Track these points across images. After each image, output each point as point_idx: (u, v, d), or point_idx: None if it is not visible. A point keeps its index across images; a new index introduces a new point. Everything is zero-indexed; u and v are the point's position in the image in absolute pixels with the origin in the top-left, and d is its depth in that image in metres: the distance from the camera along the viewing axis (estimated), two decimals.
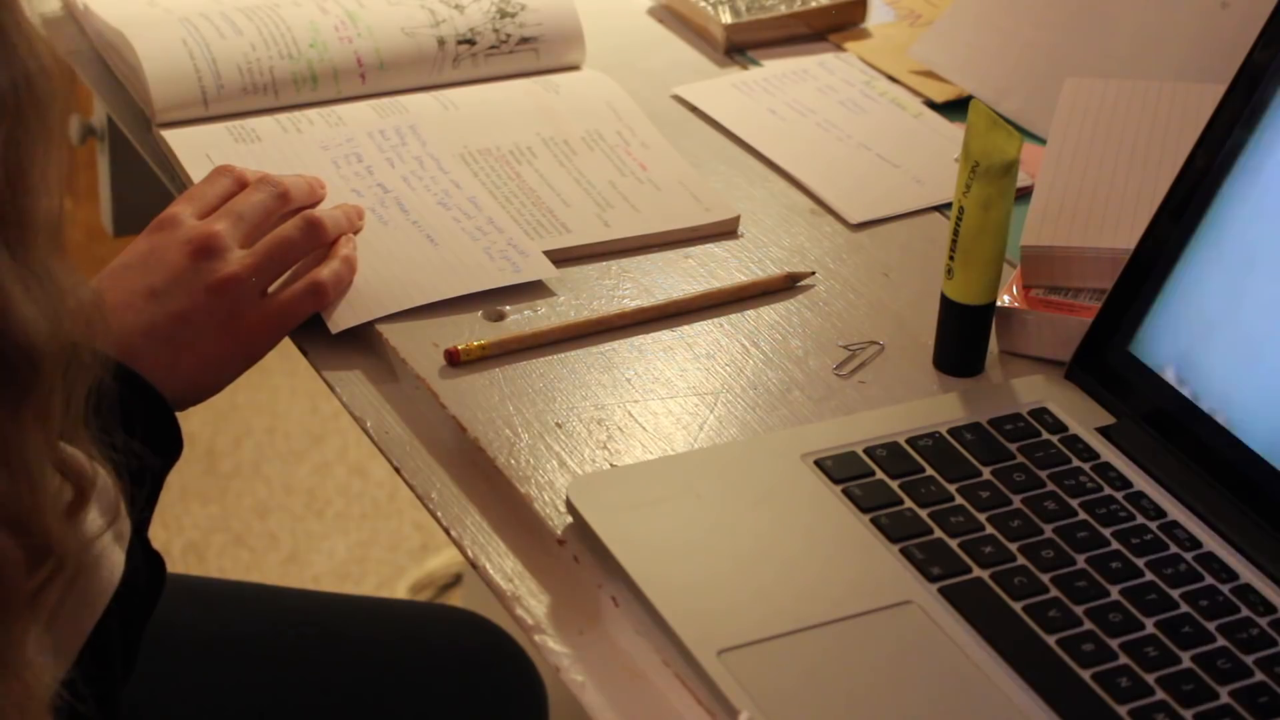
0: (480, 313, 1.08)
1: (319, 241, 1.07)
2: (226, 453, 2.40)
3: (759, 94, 1.33)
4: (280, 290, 1.05)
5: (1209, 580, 0.91)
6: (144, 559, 0.90)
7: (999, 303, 1.05)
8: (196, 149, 1.21)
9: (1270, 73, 0.99)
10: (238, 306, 1.02)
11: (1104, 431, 1.00)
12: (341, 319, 1.06)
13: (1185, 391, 0.98)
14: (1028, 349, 1.06)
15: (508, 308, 1.09)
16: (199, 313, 1.01)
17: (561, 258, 1.13)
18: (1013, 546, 0.92)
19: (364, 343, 1.08)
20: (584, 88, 1.31)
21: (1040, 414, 1.00)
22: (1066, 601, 0.89)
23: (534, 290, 1.10)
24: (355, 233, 1.11)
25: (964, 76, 1.33)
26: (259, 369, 1.05)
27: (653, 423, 1.01)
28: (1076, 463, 0.97)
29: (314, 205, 1.12)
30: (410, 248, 1.12)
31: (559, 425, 1.00)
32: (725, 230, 1.17)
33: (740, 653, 0.85)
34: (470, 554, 0.94)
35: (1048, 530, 0.93)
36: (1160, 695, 0.84)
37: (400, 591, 2.19)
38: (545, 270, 1.11)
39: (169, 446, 0.97)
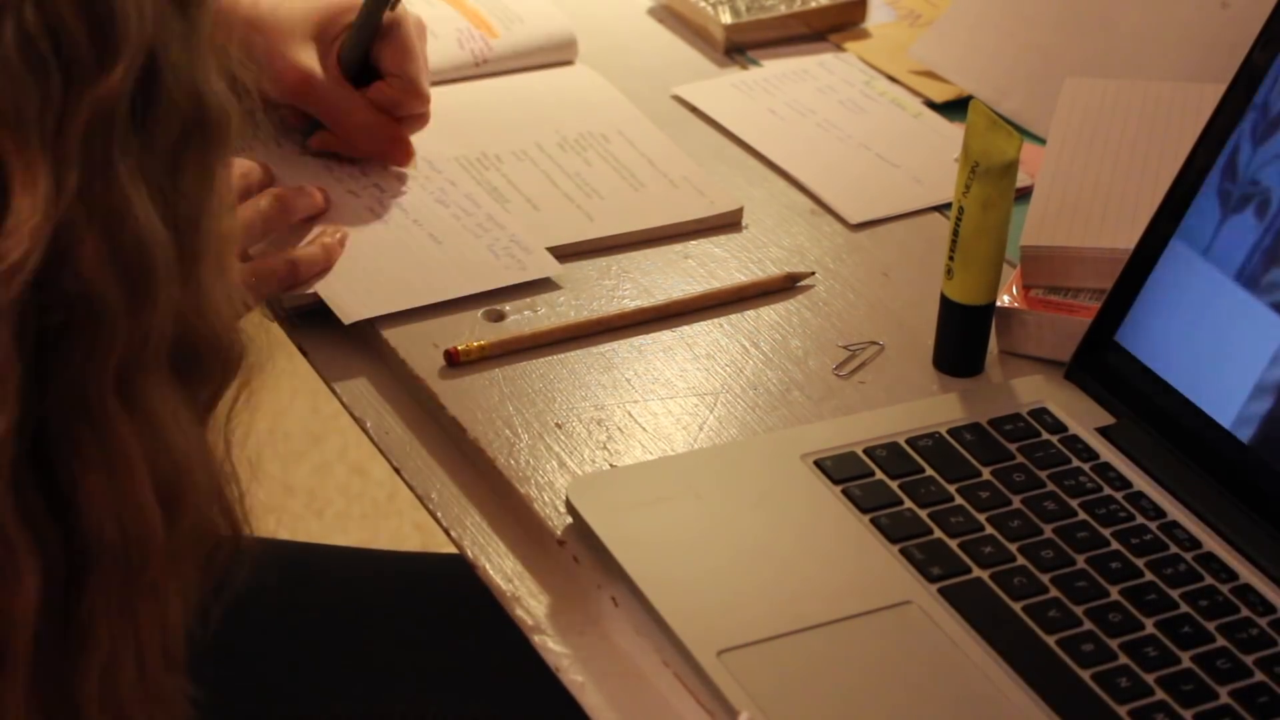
0: (480, 313, 1.08)
1: (287, 213, 1.11)
2: None
3: (759, 94, 1.33)
4: (258, 258, 1.08)
5: (1209, 580, 0.91)
6: None
7: (999, 303, 1.05)
8: None
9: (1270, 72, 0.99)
10: None
11: (1104, 431, 1.00)
12: (353, 311, 1.07)
13: (1185, 391, 0.98)
14: (1028, 349, 1.06)
15: (508, 308, 1.09)
16: None
17: (567, 253, 1.13)
18: (1012, 547, 0.92)
19: (364, 343, 1.08)
20: (574, 84, 1.32)
21: (1040, 414, 1.00)
22: (1066, 601, 0.89)
23: (534, 290, 1.10)
24: (320, 214, 1.15)
25: (964, 76, 1.33)
26: None
27: (653, 423, 1.01)
28: (1076, 463, 0.97)
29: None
30: (414, 247, 1.13)
31: (559, 425, 1.00)
32: (729, 222, 1.17)
33: (740, 653, 0.85)
34: (470, 554, 0.94)
35: (1047, 530, 0.93)
36: (1160, 695, 0.84)
37: None
38: (551, 268, 1.11)
39: None
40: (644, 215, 1.17)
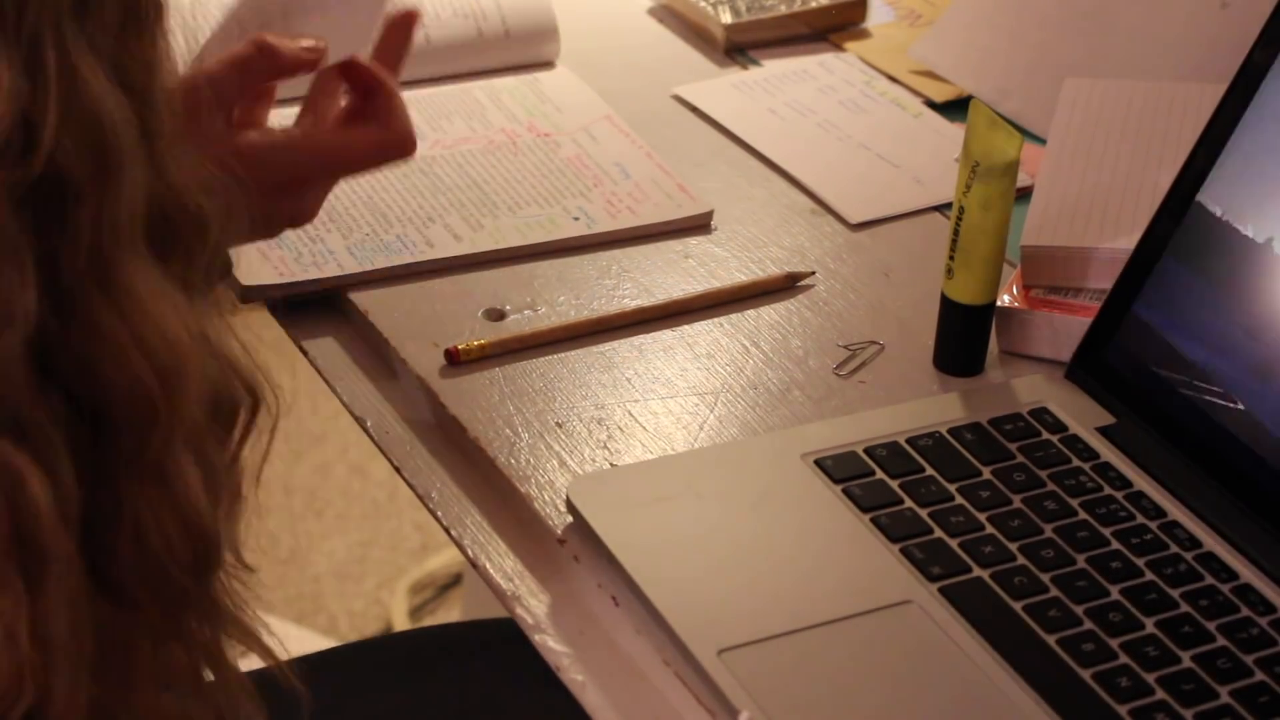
0: (480, 312, 1.08)
1: (274, 59, 0.97)
2: None
3: (759, 94, 1.33)
4: None
5: (1209, 580, 0.91)
6: None
7: (999, 303, 1.05)
8: None
9: (1270, 73, 0.99)
10: None
11: (1104, 431, 1.00)
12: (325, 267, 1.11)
13: (1185, 391, 0.98)
14: (1028, 349, 1.06)
15: (508, 307, 1.09)
16: None
17: (538, 251, 1.14)
18: (1013, 546, 0.92)
19: (364, 343, 1.08)
20: (548, 86, 1.32)
21: (1040, 414, 1.00)
22: (1066, 601, 0.89)
23: (534, 290, 1.11)
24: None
25: (964, 76, 1.33)
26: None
27: (653, 423, 1.01)
28: (1076, 463, 0.97)
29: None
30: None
31: (559, 425, 1.00)
32: (698, 224, 1.17)
33: (740, 652, 0.85)
34: (470, 554, 0.94)
35: (1048, 530, 0.93)
36: (1160, 695, 0.84)
37: (400, 592, 2.19)
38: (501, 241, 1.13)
39: None
40: (616, 217, 1.17)
